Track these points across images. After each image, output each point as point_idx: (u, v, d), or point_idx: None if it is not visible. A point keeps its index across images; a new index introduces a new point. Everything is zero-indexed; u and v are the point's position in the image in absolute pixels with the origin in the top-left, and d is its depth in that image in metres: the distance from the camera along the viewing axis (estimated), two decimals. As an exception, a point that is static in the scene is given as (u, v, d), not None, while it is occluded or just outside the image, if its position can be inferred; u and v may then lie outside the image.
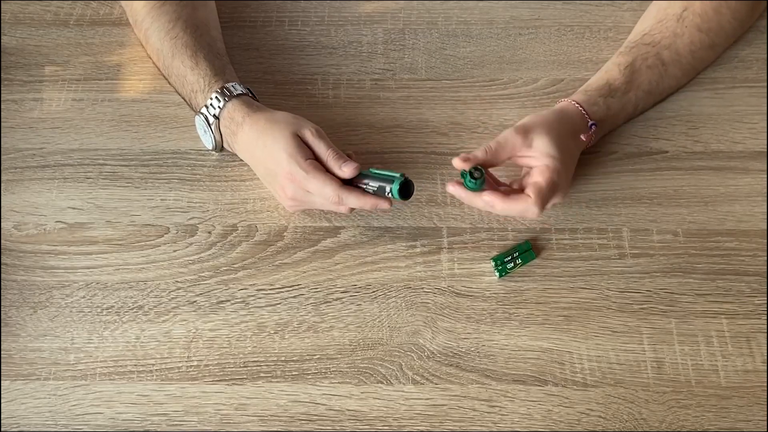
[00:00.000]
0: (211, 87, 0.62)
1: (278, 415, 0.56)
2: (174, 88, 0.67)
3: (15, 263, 0.62)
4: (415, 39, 0.73)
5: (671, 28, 0.65)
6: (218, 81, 0.62)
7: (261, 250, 0.62)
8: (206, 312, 0.59)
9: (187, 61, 0.64)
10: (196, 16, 0.67)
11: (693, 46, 0.65)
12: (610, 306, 0.59)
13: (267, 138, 0.59)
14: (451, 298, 0.60)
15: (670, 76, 0.66)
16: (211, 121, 0.62)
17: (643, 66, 0.64)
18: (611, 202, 0.64)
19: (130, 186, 0.65)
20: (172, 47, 0.65)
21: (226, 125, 0.61)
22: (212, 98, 0.61)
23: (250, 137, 0.60)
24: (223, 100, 0.61)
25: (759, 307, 0.59)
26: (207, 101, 0.62)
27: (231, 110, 0.61)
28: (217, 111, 0.61)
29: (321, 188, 0.57)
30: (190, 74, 0.63)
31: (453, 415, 0.55)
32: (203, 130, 0.64)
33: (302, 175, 0.57)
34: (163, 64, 0.67)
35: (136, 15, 0.69)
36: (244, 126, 0.60)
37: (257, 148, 0.60)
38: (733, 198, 0.64)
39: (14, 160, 0.67)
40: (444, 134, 0.68)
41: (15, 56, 0.73)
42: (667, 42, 0.65)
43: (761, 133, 0.67)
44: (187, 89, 0.64)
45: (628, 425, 0.55)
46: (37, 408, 0.56)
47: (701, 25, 0.65)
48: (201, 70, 0.63)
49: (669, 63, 0.65)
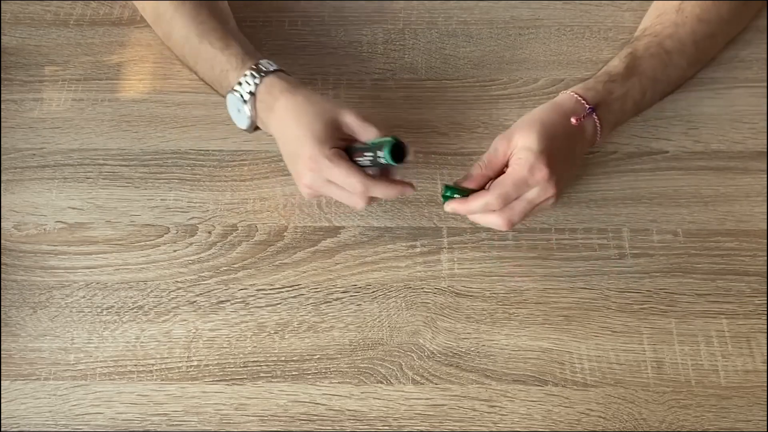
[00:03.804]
0: (245, 64, 0.61)
1: (278, 415, 0.56)
2: (201, 76, 0.66)
3: (15, 263, 0.62)
4: (415, 39, 0.73)
5: (671, 20, 0.65)
6: (251, 59, 0.61)
7: (261, 250, 0.62)
8: (206, 312, 0.59)
9: (217, 42, 0.62)
10: (219, 7, 0.67)
11: (695, 36, 0.65)
12: (610, 306, 0.59)
13: (301, 116, 0.57)
14: (451, 298, 0.60)
15: (675, 65, 0.64)
16: (246, 98, 0.60)
17: (645, 54, 0.63)
18: (611, 202, 0.64)
19: (130, 186, 0.65)
20: (200, 32, 0.63)
21: (263, 99, 0.60)
22: (246, 75, 0.60)
23: (286, 111, 0.58)
24: (258, 76, 0.59)
25: (759, 307, 0.59)
26: (241, 78, 0.60)
27: (268, 85, 0.59)
28: (252, 87, 0.60)
29: (345, 178, 0.54)
30: (220, 55, 0.62)
31: (453, 415, 0.55)
32: (236, 109, 0.62)
33: (326, 164, 0.55)
34: (189, 50, 0.65)
35: (157, 8, 0.67)
36: (281, 99, 0.58)
37: (288, 126, 0.58)
38: (733, 198, 0.64)
39: (14, 160, 0.67)
40: (444, 134, 0.68)
41: (15, 56, 0.73)
42: (668, 32, 0.64)
43: (761, 133, 0.67)
44: (216, 71, 0.63)
45: (628, 425, 0.55)
46: (37, 408, 0.56)
47: (701, 15, 0.65)
48: (233, 50, 0.62)
49: (672, 51, 0.64)
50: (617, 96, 0.60)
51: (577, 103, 0.58)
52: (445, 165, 0.66)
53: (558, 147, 0.55)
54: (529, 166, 0.54)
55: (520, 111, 0.68)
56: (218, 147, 0.67)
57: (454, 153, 0.66)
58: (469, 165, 0.57)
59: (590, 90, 0.59)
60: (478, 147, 0.66)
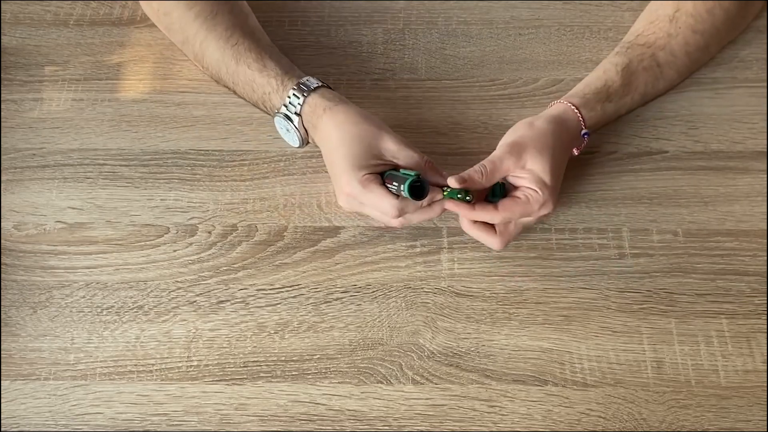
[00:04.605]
0: (285, 85, 0.61)
1: (278, 415, 0.56)
2: (242, 96, 0.66)
3: (15, 263, 0.62)
4: (415, 39, 0.73)
5: (665, 29, 0.65)
6: (292, 78, 0.61)
7: (261, 250, 0.62)
8: (206, 312, 0.59)
9: (254, 64, 0.62)
10: (250, 23, 0.66)
11: (688, 47, 0.65)
12: (609, 306, 0.59)
13: (342, 137, 0.57)
14: (451, 298, 0.60)
15: (665, 78, 0.65)
16: (293, 119, 0.60)
17: (639, 68, 0.63)
18: (611, 202, 0.64)
19: (130, 186, 0.65)
20: (235, 54, 0.63)
21: (308, 119, 0.60)
22: (290, 96, 0.60)
23: (328, 129, 0.58)
24: (302, 96, 0.59)
25: (759, 307, 0.59)
26: (285, 100, 0.60)
27: (312, 104, 0.59)
28: (297, 108, 0.60)
29: (378, 203, 0.56)
30: (258, 77, 0.62)
31: (453, 415, 0.55)
32: (285, 129, 0.62)
33: (359, 189, 0.56)
34: (226, 73, 0.65)
35: (186, 31, 0.66)
36: (324, 117, 0.59)
37: (330, 145, 0.58)
38: (733, 198, 0.64)
39: (14, 160, 0.67)
40: (444, 134, 0.68)
41: (15, 56, 0.73)
42: (661, 43, 0.64)
43: (761, 133, 0.67)
44: (258, 93, 0.63)
45: (628, 425, 0.55)
46: (37, 408, 0.56)
47: (695, 26, 0.65)
48: (270, 71, 0.62)
49: (664, 65, 0.64)
50: (608, 116, 0.63)
51: (577, 124, 0.60)
52: (445, 165, 0.65)
53: (561, 170, 0.59)
54: (541, 202, 0.56)
55: (519, 111, 0.68)
56: (218, 147, 0.67)
57: (454, 153, 0.66)
58: (469, 165, 0.57)
59: (591, 111, 0.61)
60: (478, 147, 0.66)
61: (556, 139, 0.58)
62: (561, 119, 0.59)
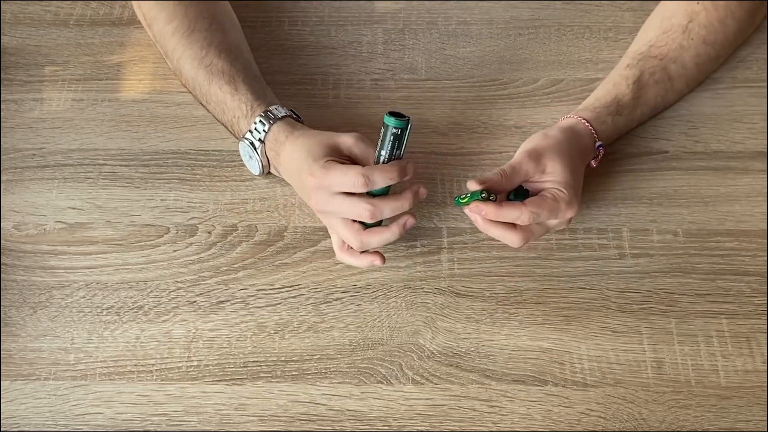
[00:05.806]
0: (254, 111, 0.61)
1: (278, 415, 0.56)
2: (213, 115, 0.66)
3: (15, 263, 0.62)
4: (415, 39, 0.73)
5: (677, 41, 0.64)
6: (261, 105, 0.61)
7: (261, 250, 0.62)
8: (206, 312, 0.59)
9: (225, 86, 0.62)
10: (228, 40, 0.65)
11: (699, 59, 0.65)
12: (609, 306, 0.59)
13: (302, 149, 0.57)
14: (451, 298, 0.60)
15: (675, 91, 0.65)
16: (257, 145, 0.60)
17: (650, 81, 0.63)
18: (611, 202, 0.64)
19: (130, 186, 0.65)
20: (208, 75, 0.63)
21: (271, 147, 0.60)
22: (256, 122, 0.60)
23: (290, 154, 0.58)
24: (267, 123, 0.59)
25: (759, 307, 0.59)
26: (251, 126, 0.60)
27: (275, 132, 0.59)
28: (262, 135, 0.60)
29: (343, 176, 0.53)
30: (230, 100, 0.62)
31: (453, 415, 0.55)
32: (248, 155, 0.62)
33: (322, 173, 0.54)
34: (199, 92, 0.65)
35: (165, 46, 0.67)
36: (286, 144, 0.59)
37: (292, 164, 0.58)
38: (733, 198, 0.64)
39: (14, 160, 0.67)
40: (444, 134, 0.68)
41: (15, 56, 0.73)
42: (674, 55, 0.64)
43: (761, 133, 0.67)
44: (228, 116, 0.63)
45: (628, 425, 0.55)
46: (37, 408, 0.56)
47: (707, 37, 0.65)
48: (241, 95, 0.61)
49: (675, 77, 0.64)
50: (618, 130, 0.63)
51: (590, 137, 0.60)
52: (445, 165, 0.66)
53: (580, 177, 0.59)
54: (567, 201, 0.55)
55: (519, 111, 0.68)
56: (218, 147, 0.67)
57: (454, 153, 0.66)
58: (469, 165, 0.57)
59: (602, 124, 0.61)
60: (478, 147, 0.66)
61: (573, 146, 0.58)
62: (574, 130, 0.60)
